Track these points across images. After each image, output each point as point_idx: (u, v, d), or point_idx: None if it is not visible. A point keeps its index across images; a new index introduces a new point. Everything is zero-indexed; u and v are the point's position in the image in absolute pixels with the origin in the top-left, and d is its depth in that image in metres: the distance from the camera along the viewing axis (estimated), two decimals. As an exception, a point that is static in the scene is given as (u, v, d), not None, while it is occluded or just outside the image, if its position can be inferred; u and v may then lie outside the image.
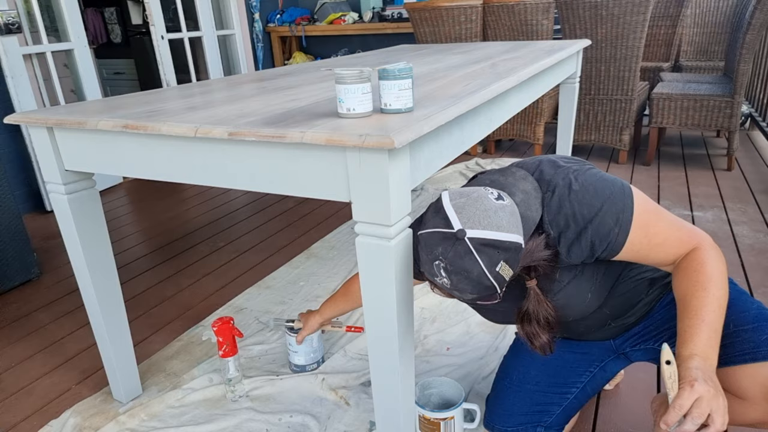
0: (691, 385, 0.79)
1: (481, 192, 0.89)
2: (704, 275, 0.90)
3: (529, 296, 0.99)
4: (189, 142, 1.05)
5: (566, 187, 0.94)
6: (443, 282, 0.88)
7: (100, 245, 1.35)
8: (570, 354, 1.22)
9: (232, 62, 4.54)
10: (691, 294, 0.90)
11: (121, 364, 1.47)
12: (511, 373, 1.26)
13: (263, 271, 2.27)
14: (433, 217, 0.89)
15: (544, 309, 0.99)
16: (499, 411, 1.23)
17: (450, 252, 0.85)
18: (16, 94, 2.93)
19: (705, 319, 0.86)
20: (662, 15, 3.90)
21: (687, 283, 0.91)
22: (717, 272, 0.91)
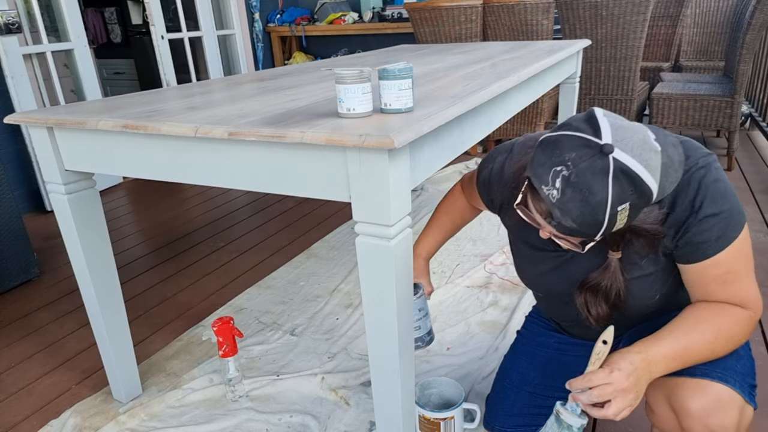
0: (611, 370, 0.82)
1: (640, 126, 0.80)
2: (727, 330, 0.87)
3: (608, 268, 0.92)
4: (189, 142, 1.05)
5: (704, 174, 0.87)
6: (550, 193, 0.77)
7: (100, 245, 1.35)
8: (567, 357, 1.21)
9: (232, 62, 4.54)
10: (701, 325, 0.87)
11: (121, 364, 1.47)
12: (511, 373, 1.25)
13: (263, 271, 2.27)
14: (578, 123, 0.78)
15: (617, 285, 0.92)
16: (499, 411, 1.23)
17: (584, 162, 0.74)
18: (16, 94, 2.93)
19: (687, 346, 0.86)
20: (662, 15, 3.90)
21: (708, 317, 0.88)
22: (737, 339, 0.89)
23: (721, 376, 0.89)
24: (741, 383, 0.89)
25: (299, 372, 1.60)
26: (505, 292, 1.97)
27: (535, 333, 1.27)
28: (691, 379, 0.89)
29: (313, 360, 1.65)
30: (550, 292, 1.09)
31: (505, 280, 2.05)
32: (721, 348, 0.87)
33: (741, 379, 0.90)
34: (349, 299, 1.99)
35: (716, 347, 0.87)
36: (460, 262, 2.21)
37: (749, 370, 0.94)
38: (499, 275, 2.09)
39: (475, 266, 2.16)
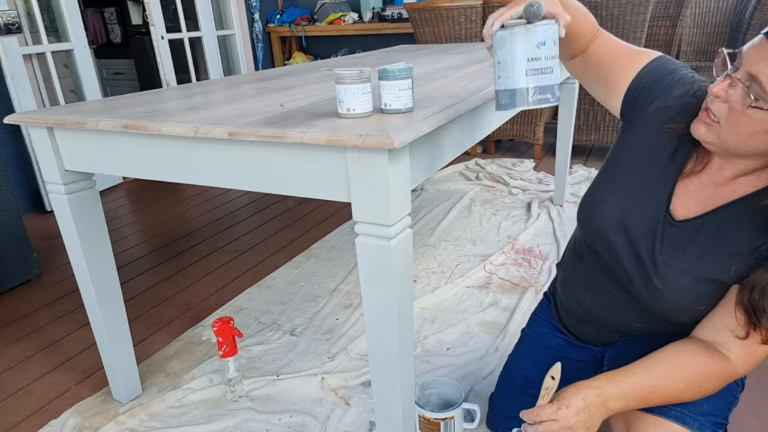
0: (560, 407, 0.83)
1: None
2: (702, 382, 0.84)
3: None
4: (189, 142, 1.05)
5: None
6: None
7: (100, 245, 1.35)
8: (569, 360, 1.21)
9: (232, 62, 4.54)
10: (677, 372, 0.85)
11: (121, 364, 1.47)
12: (515, 375, 1.25)
13: (263, 271, 2.27)
14: None
15: None
16: (503, 412, 1.23)
17: None
18: (16, 94, 2.93)
19: (654, 390, 0.84)
20: (662, 15, 3.90)
21: (689, 364, 0.85)
22: (707, 392, 0.85)
23: (678, 416, 0.88)
24: (702, 423, 0.87)
25: (299, 372, 1.60)
26: (505, 292, 1.97)
27: (540, 334, 1.27)
28: (648, 414, 0.88)
29: (312, 360, 1.65)
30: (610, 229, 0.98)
31: (505, 280, 2.05)
32: (689, 395, 0.85)
33: (703, 419, 0.88)
34: (349, 299, 1.99)
35: (683, 394, 0.85)
36: (460, 262, 2.21)
37: (719, 409, 0.91)
38: (499, 275, 2.09)
39: (475, 266, 2.16)
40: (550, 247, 2.31)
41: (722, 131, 0.80)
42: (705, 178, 0.90)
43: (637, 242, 0.94)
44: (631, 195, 0.96)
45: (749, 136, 0.77)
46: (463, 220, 2.65)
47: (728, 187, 0.88)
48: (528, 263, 2.17)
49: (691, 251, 0.89)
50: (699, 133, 0.83)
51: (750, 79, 0.74)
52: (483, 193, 3.00)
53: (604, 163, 1.03)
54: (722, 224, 0.87)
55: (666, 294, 0.91)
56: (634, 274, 0.95)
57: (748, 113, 0.75)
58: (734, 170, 0.86)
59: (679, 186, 0.92)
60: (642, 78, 0.96)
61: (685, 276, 0.89)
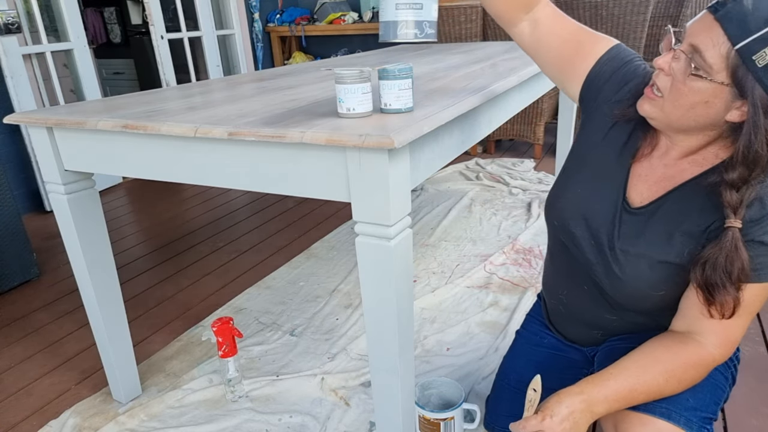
0: (544, 417, 0.83)
1: None
2: (681, 374, 0.85)
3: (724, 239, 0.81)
4: (189, 142, 1.05)
5: None
6: None
7: (100, 245, 1.35)
8: (561, 358, 1.21)
9: (231, 62, 4.54)
10: (654, 367, 0.85)
11: (121, 364, 1.47)
12: (509, 374, 1.26)
13: (263, 271, 2.27)
14: None
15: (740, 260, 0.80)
16: (499, 412, 1.23)
17: None
18: (15, 94, 2.92)
19: (634, 388, 0.84)
20: (662, 15, 3.90)
21: (665, 358, 0.86)
22: (689, 383, 0.86)
23: (664, 412, 0.88)
24: (688, 419, 0.88)
25: (299, 372, 1.60)
26: (505, 292, 1.97)
27: (533, 332, 1.27)
28: (634, 412, 0.89)
29: (312, 360, 1.65)
30: (574, 222, 1.00)
31: (505, 280, 2.05)
32: (671, 389, 0.86)
33: (689, 414, 0.88)
34: (349, 299, 1.99)
35: (665, 389, 0.85)
36: (460, 262, 2.21)
37: (705, 403, 0.91)
38: (499, 275, 2.09)
39: (475, 266, 2.16)
40: (550, 247, 2.31)
41: (665, 104, 0.82)
42: (655, 161, 0.92)
43: (598, 232, 0.96)
44: (591, 185, 0.98)
45: (690, 108, 0.80)
46: (463, 220, 2.65)
47: (676, 168, 0.90)
48: (528, 263, 2.17)
49: (645, 237, 0.91)
50: (644, 110, 0.86)
51: (692, 51, 0.77)
52: (483, 193, 3.00)
53: (569, 153, 1.05)
54: (674, 207, 0.89)
55: (626, 281, 0.94)
56: (596, 264, 0.98)
57: (688, 83, 0.78)
58: (680, 149, 0.89)
59: (633, 172, 0.94)
60: (602, 66, 0.97)
61: (641, 261, 0.91)
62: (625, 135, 0.95)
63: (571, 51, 0.99)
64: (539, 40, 1.02)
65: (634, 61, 0.97)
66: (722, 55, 0.74)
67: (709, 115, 0.79)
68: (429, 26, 0.90)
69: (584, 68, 0.99)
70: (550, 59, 1.02)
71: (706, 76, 0.76)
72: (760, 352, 1.57)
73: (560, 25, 1.00)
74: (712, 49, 0.75)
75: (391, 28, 0.90)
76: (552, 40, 1.00)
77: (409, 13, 0.90)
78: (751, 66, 0.73)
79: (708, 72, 0.76)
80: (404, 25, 0.89)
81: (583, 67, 0.99)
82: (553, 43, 1.00)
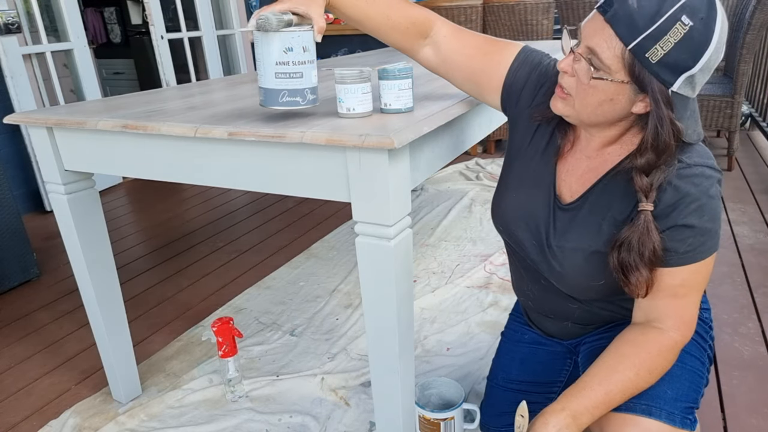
0: None
1: None
2: (648, 364, 0.86)
3: (637, 222, 0.84)
4: (189, 142, 1.05)
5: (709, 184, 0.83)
6: None
7: (100, 245, 1.35)
8: (541, 352, 1.22)
9: (231, 62, 4.54)
10: (621, 365, 0.86)
11: (121, 364, 1.47)
12: (497, 373, 1.27)
13: (263, 271, 2.27)
14: None
15: (651, 241, 0.83)
16: (491, 412, 1.25)
17: None
18: (15, 94, 2.92)
19: (609, 390, 0.85)
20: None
21: (629, 352, 0.87)
22: (659, 371, 0.87)
23: (645, 409, 0.88)
24: (669, 412, 0.88)
25: (299, 372, 1.60)
26: (505, 292, 1.97)
27: (514, 330, 1.29)
28: (616, 413, 0.89)
29: (312, 360, 1.65)
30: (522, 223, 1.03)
31: (505, 280, 2.05)
32: (644, 382, 0.86)
33: (670, 407, 0.89)
34: (349, 299, 1.99)
35: (639, 383, 0.86)
36: (460, 262, 2.21)
37: (685, 392, 0.92)
38: (499, 275, 2.09)
39: (475, 266, 2.16)
40: (550, 247, 2.31)
41: (575, 103, 0.84)
42: (578, 154, 0.95)
43: (536, 232, 0.99)
44: (524, 189, 1.01)
45: (597, 106, 0.82)
46: (463, 220, 2.65)
47: (599, 159, 0.92)
48: (528, 263, 2.17)
49: (576, 230, 0.94)
50: (557, 108, 0.88)
51: (590, 53, 0.79)
52: (483, 193, 3.00)
53: (504, 158, 1.08)
54: (600, 197, 0.91)
55: (565, 274, 0.97)
56: (540, 262, 1.01)
57: (592, 84, 0.80)
58: (599, 140, 0.91)
59: (559, 169, 0.97)
60: (514, 74, 0.99)
61: (576, 254, 0.94)
62: (547, 136, 0.98)
63: (480, 65, 1.00)
64: (445, 61, 1.03)
65: (543, 61, 0.99)
66: (617, 56, 0.76)
67: (616, 111, 0.82)
68: (311, 92, 0.93)
69: (498, 79, 1.00)
70: (463, 77, 1.03)
71: (607, 77, 0.78)
72: (760, 352, 1.57)
73: (462, 42, 1.01)
74: (607, 51, 0.77)
75: (273, 96, 0.91)
76: (458, 58, 1.01)
77: (289, 83, 0.90)
78: (646, 63, 0.75)
79: (608, 72, 0.78)
80: (285, 94, 0.90)
81: (496, 77, 1.00)
82: (460, 61, 1.01)
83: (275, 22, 0.84)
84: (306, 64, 0.90)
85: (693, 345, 0.99)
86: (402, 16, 0.99)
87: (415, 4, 1.02)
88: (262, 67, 0.90)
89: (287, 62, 0.88)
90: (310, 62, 0.90)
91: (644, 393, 0.90)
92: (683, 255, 0.84)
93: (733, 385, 1.45)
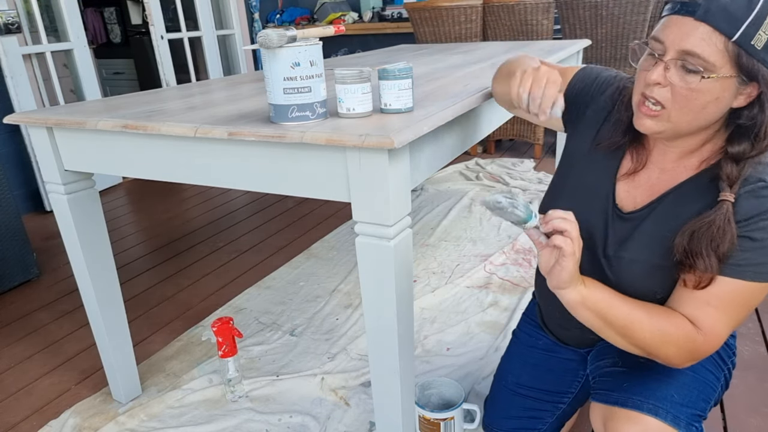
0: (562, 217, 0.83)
1: None
2: (668, 334, 0.84)
3: (718, 212, 0.81)
4: (189, 142, 1.05)
5: None
6: None
7: (100, 245, 1.35)
8: (554, 359, 1.21)
9: (231, 62, 4.54)
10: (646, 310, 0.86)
11: (121, 364, 1.47)
12: (506, 375, 1.26)
13: (263, 271, 2.27)
14: None
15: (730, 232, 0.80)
16: (496, 414, 1.24)
17: None
18: (15, 94, 2.92)
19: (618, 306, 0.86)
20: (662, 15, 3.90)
21: (660, 314, 0.85)
22: (669, 349, 0.85)
23: (652, 408, 0.88)
24: (675, 415, 0.88)
25: (299, 372, 1.60)
26: (505, 292, 1.97)
27: (528, 334, 1.27)
28: (622, 409, 0.90)
29: (312, 360, 1.65)
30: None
31: (505, 280, 2.05)
32: (650, 335, 0.84)
33: (677, 411, 0.88)
34: (349, 299, 1.99)
35: (645, 330, 0.84)
36: (460, 262, 2.21)
37: (693, 400, 0.91)
38: (499, 275, 2.09)
39: (475, 266, 2.16)
40: (550, 247, 2.30)
41: (672, 114, 0.82)
42: (650, 166, 0.93)
43: (590, 242, 0.97)
44: (579, 197, 0.99)
45: (701, 109, 0.80)
46: (463, 220, 2.65)
47: (673, 171, 0.90)
48: (528, 263, 2.17)
49: (638, 240, 0.91)
50: (646, 127, 0.85)
51: (684, 55, 0.77)
52: (483, 193, 3.00)
53: (557, 167, 1.08)
54: (668, 209, 0.89)
55: (622, 286, 0.93)
56: (591, 272, 0.97)
57: (695, 87, 0.78)
58: (677, 152, 0.89)
59: (622, 185, 0.96)
60: (573, 87, 1.03)
61: (634, 265, 0.92)
62: (608, 140, 0.97)
63: None
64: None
65: (602, 73, 1.02)
66: (720, 50, 0.75)
67: (719, 110, 0.80)
68: (320, 106, 0.95)
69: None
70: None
71: (712, 75, 0.77)
72: (760, 352, 1.57)
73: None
74: (708, 48, 0.76)
75: (282, 112, 0.93)
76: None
77: (298, 98, 0.92)
78: (752, 51, 0.74)
79: (712, 70, 0.77)
80: (295, 109, 0.92)
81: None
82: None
83: (276, 38, 0.86)
84: (314, 78, 0.92)
85: (710, 361, 0.98)
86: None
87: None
88: (270, 83, 0.91)
89: (295, 77, 0.90)
90: (318, 76, 0.92)
91: (652, 394, 0.90)
92: (738, 267, 0.82)
93: (733, 384, 1.45)
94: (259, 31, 0.89)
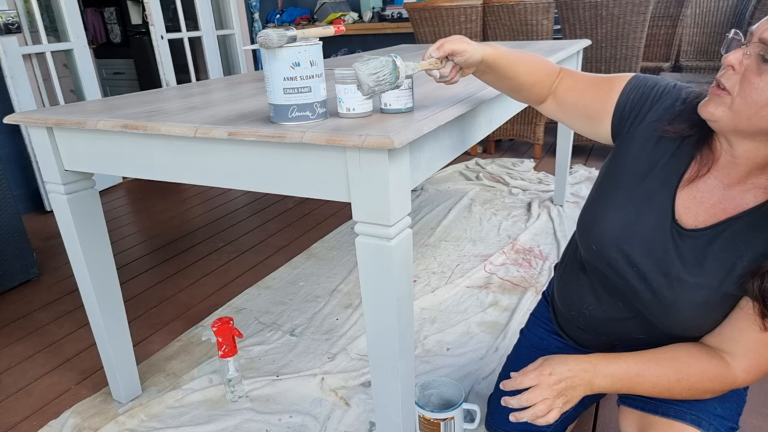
0: (542, 373, 0.84)
1: None
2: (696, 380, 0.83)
3: None
4: (189, 142, 1.05)
5: None
6: None
7: (100, 245, 1.35)
8: None
9: (231, 62, 4.54)
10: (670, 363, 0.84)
11: (121, 364, 1.47)
12: None
13: (263, 271, 2.27)
14: None
15: None
16: (500, 413, 1.23)
17: None
18: (15, 94, 2.92)
19: (641, 374, 0.84)
20: (662, 15, 3.90)
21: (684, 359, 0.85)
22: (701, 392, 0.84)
23: (695, 419, 0.88)
24: (717, 428, 0.88)
25: (299, 372, 1.60)
26: (505, 292, 1.97)
27: (538, 336, 1.27)
28: (663, 418, 0.89)
29: (312, 360, 1.65)
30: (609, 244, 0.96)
31: (505, 280, 2.05)
32: (679, 391, 0.84)
33: (718, 423, 0.88)
34: (349, 299, 1.99)
35: (673, 389, 0.84)
36: (460, 263, 2.21)
37: (731, 413, 0.91)
38: (499, 275, 2.09)
39: (475, 266, 2.16)
40: (550, 247, 2.31)
41: (735, 102, 0.77)
42: (712, 180, 0.86)
43: (642, 257, 0.91)
44: (632, 208, 0.93)
45: (764, 105, 0.75)
46: (463, 220, 2.65)
47: (739, 189, 0.84)
48: (528, 263, 2.17)
49: (706, 265, 0.85)
50: (708, 111, 0.80)
51: (763, 43, 0.74)
52: (483, 193, 3.00)
53: (600, 176, 1.02)
54: (737, 236, 0.83)
55: (678, 308, 0.88)
56: (641, 290, 0.92)
57: (764, 76, 0.74)
58: (745, 165, 0.82)
59: (683, 193, 0.89)
60: (627, 95, 0.96)
61: (700, 291, 0.85)
62: (668, 153, 0.91)
63: (591, 96, 1.00)
64: (561, 103, 1.05)
65: (660, 82, 0.96)
66: None
67: None
68: (320, 106, 0.95)
69: (610, 103, 0.98)
70: (576, 114, 1.03)
71: None
72: (760, 352, 1.57)
73: (574, 78, 1.03)
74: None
75: (282, 112, 0.93)
76: (571, 95, 1.03)
77: (298, 98, 0.92)
78: None
79: None
80: (295, 109, 0.93)
81: (609, 102, 0.98)
82: (573, 97, 1.03)
83: (276, 38, 0.86)
84: (314, 78, 0.92)
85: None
86: (542, 71, 1.03)
87: (546, 60, 1.06)
88: (270, 83, 0.91)
89: (295, 77, 0.90)
90: (318, 76, 0.92)
91: (694, 404, 0.89)
92: None
93: (733, 385, 1.45)
94: (259, 31, 0.89)
